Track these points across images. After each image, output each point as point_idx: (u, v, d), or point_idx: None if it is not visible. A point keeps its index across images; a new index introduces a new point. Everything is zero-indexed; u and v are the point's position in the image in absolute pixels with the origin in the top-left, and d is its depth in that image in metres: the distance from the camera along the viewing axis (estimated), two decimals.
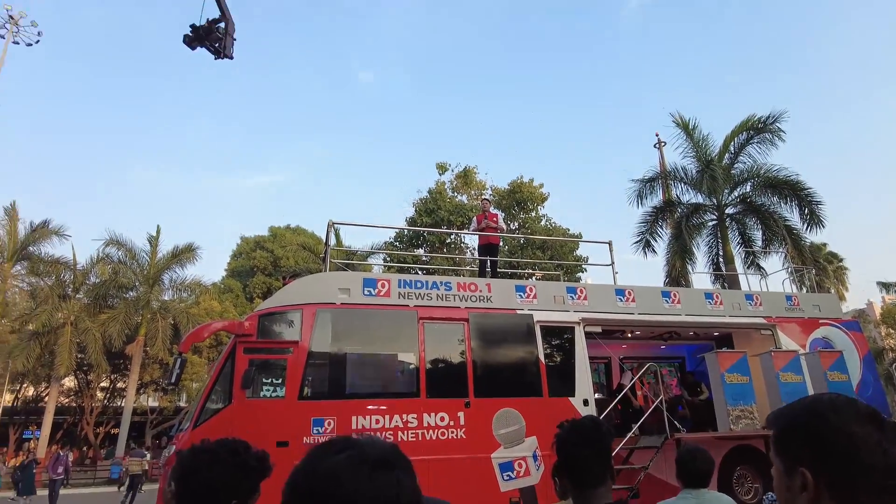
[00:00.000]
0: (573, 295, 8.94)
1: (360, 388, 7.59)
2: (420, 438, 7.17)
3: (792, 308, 10.16)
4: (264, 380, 7.26)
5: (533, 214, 26.58)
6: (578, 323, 8.57)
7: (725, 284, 17.70)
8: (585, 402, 8.02)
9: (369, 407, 7.25)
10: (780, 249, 17.87)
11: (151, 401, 33.50)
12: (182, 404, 31.40)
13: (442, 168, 27.27)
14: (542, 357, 8.18)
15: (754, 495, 8.38)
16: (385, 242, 25.44)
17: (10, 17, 26.92)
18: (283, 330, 7.53)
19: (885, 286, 37.32)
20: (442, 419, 7.39)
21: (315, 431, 6.84)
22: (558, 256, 23.73)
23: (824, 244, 32.34)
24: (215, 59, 8.88)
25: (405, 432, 7.15)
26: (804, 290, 18.05)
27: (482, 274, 10.50)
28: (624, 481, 7.50)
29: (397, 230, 25.01)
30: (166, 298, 27.91)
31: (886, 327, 40.67)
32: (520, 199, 26.28)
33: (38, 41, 28.13)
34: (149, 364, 27.87)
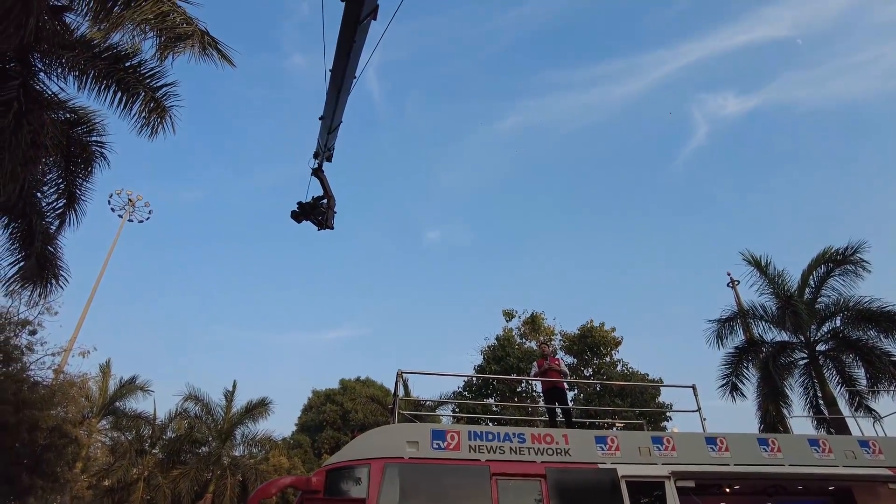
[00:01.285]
0: (660, 445, 8.24)
1: None
2: None
3: None
4: None
5: (607, 360, 25.64)
6: (668, 477, 7.79)
7: (831, 430, 15.87)
8: None
9: None
10: (892, 388, 16.14)
11: None
12: None
13: (509, 315, 27.34)
14: None
15: None
16: (454, 393, 24.95)
17: (130, 199, 31.08)
18: (351, 486, 7.26)
19: None
20: None
21: None
22: (639, 404, 22.31)
23: None
24: (318, 230, 9.59)
25: None
26: None
27: (552, 422, 9.97)
28: None
29: (466, 380, 24.58)
30: (237, 454, 27.82)
31: None
32: (591, 343, 25.62)
33: (148, 218, 32.01)
34: None
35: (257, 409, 27.31)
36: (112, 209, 30.62)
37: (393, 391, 9.12)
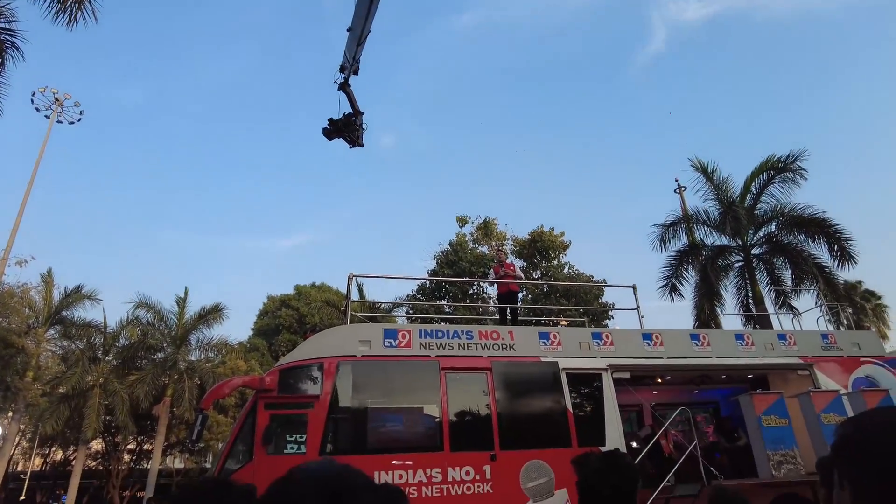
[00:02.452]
0: (599, 341, 8.74)
1: (383, 442, 7.41)
2: (444, 494, 6.92)
3: (829, 347, 9.76)
4: (286, 436, 7.16)
5: (555, 262, 26.48)
6: (606, 369, 8.34)
7: (757, 325, 17.16)
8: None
9: (393, 462, 7.06)
10: (812, 288, 17.39)
11: (178, 462, 33.22)
12: (208, 465, 31.06)
13: (462, 221, 27.56)
14: (569, 406, 7.93)
15: None
16: (408, 296, 25.49)
17: (56, 99, 28.62)
18: (304, 384, 7.47)
19: None
20: (467, 473, 7.14)
21: None
22: (583, 303, 23.40)
23: (859, 282, 31.35)
24: (350, 148, 9.29)
25: (429, 487, 6.91)
26: (841, 328, 17.47)
27: (503, 322, 10.39)
28: None
29: (420, 283, 25.06)
30: (193, 359, 28.10)
31: None
32: (541, 247, 26.27)
33: (79, 119, 29.75)
34: (175, 425, 27.82)
35: (211, 314, 27.30)
36: (37, 109, 28.28)
37: (345, 294, 9.23)
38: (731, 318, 21.77)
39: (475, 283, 22.52)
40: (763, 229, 18.54)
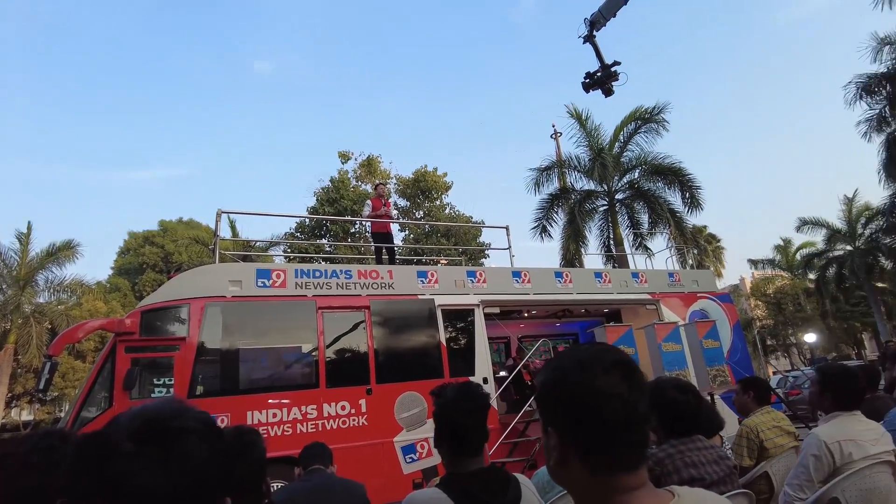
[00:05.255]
0: (473, 279, 9.13)
1: (256, 382, 7.31)
2: (320, 429, 7.05)
3: (674, 284, 10.97)
4: (151, 380, 6.84)
5: (437, 203, 26.84)
6: (478, 305, 8.78)
7: (615, 265, 18.83)
8: (485, 381, 8.25)
9: (269, 401, 7.03)
10: (665, 231, 19.26)
11: (26, 414, 30.47)
12: (62, 415, 28.82)
13: (345, 157, 26.80)
14: (443, 340, 8.31)
15: None
16: (286, 234, 24.66)
17: None
18: (170, 326, 7.09)
19: (754, 263, 41.43)
20: (343, 408, 7.32)
21: None
22: (462, 243, 24.13)
23: (705, 226, 35.32)
24: (605, 97, 10.25)
25: (304, 424, 7.00)
26: (687, 267, 19.69)
27: (379, 262, 10.50)
28: (522, 453, 7.83)
29: (298, 221, 24.29)
30: (41, 301, 25.39)
31: (754, 299, 45.29)
32: (424, 187, 26.43)
33: None
34: (21, 374, 25.31)
35: (62, 251, 24.62)
36: None
37: (214, 231, 8.74)
38: (593, 258, 23.59)
39: (357, 221, 22.24)
40: (627, 176, 20.03)
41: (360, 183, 26.45)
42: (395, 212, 11.79)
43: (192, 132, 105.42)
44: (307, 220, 23.98)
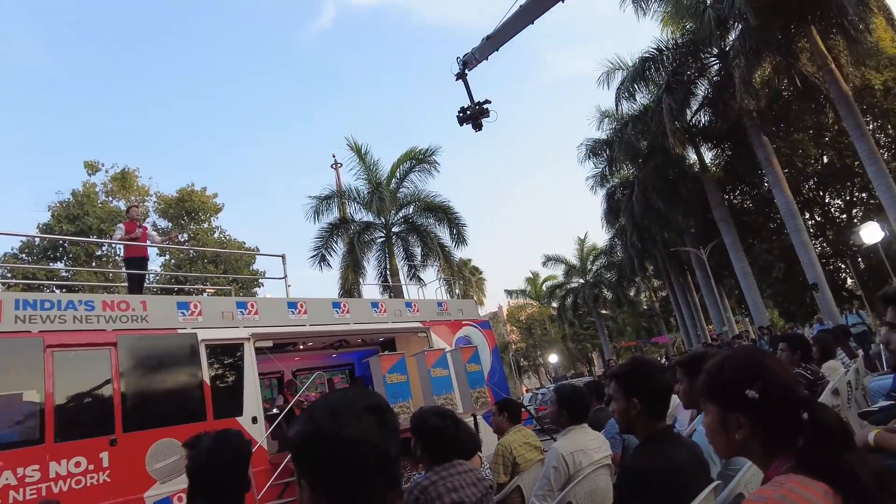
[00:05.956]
0: (243, 310, 8.56)
1: None
2: (45, 493, 5.83)
3: (442, 312, 11.74)
4: None
5: (205, 226, 24.79)
6: (248, 339, 8.24)
7: (391, 294, 19.53)
8: (254, 420, 7.74)
9: None
10: (435, 263, 20.69)
11: None
12: None
13: (92, 168, 23.21)
14: (206, 378, 7.57)
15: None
16: (6, 254, 20.26)
17: None
18: None
19: (510, 293, 47.01)
20: (77, 465, 6.17)
21: None
22: (233, 271, 22.61)
23: (469, 260, 38.98)
24: (475, 131, 11.87)
25: (20, 490, 5.72)
26: (454, 297, 21.35)
27: (132, 291, 9.29)
28: (292, 494, 7.48)
29: (25, 240, 20.20)
30: None
31: (510, 325, 51.12)
32: (190, 208, 24.23)
33: None
34: None
35: None
36: None
37: None
38: (371, 288, 24.21)
39: (104, 244, 19.30)
40: (403, 210, 21.24)
41: (111, 199, 23.14)
42: (157, 235, 10.54)
43: None
44: (37, 239, 20.06)
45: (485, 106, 11.69)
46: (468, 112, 11.67)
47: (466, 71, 11.97)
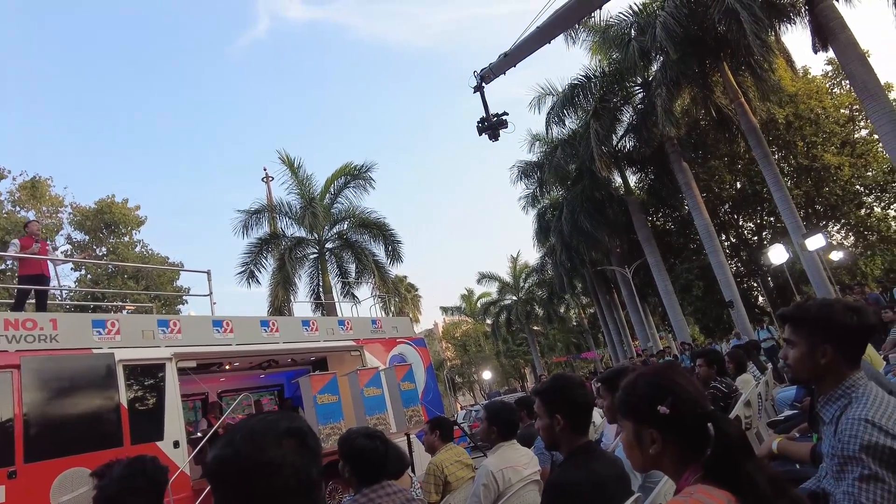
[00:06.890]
0: (165, 329, 8.15)
1: None
2: None
3: (376, 330, 11.60)
4: None
5: (126, 239, 23.49)
6: (170, 359, 7.84)
7: (324, 312, 19.15)
8: (176, 445, 7.34)
9: None
10: (370, 280, 20.49)
11: None
12: None
13: None
14: (124, 401, 7.13)
15: None
16: None
17: None
18: None
19: (446, 310, 47.19)
20: None
21: None
22: (155, 287, 21.49)
23: (405, 276, 38.90)
24: (492, 141, 12.58)
25: None
26: (389, 314, 21.18)
27: (20, 309, 8.68)
28: None
29: None
30: None
31: (445, 342, 51.21)
32: (109, 220, 22.90)
33: None
34: None
35: None
36: None
37: None
38: (303, 306, 23.64)
39: (6, 259, 17.82)
40: (337, 226, 20.94)
41: (18, 208, 21.53)
42: (58, 252, 9.90)
43: None
44: None
45: (503, 118, 12.52)
46: (486, 123, 12.35)
47: (484, 84, 12.66)
